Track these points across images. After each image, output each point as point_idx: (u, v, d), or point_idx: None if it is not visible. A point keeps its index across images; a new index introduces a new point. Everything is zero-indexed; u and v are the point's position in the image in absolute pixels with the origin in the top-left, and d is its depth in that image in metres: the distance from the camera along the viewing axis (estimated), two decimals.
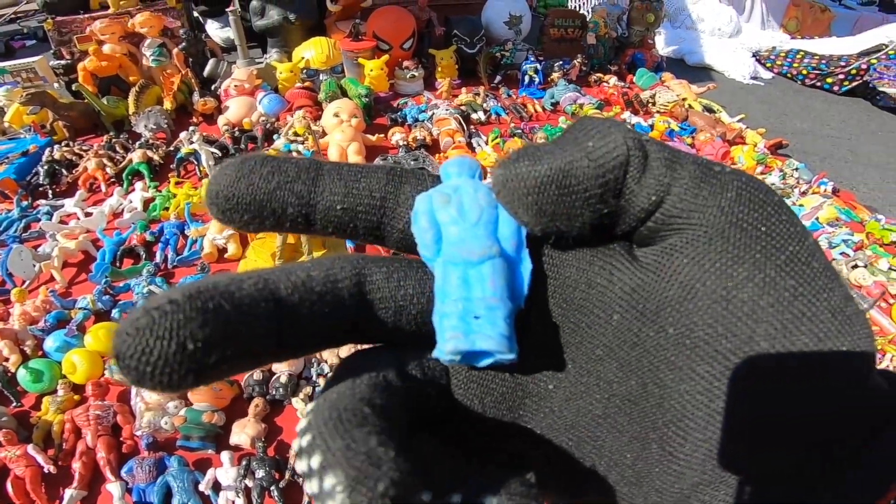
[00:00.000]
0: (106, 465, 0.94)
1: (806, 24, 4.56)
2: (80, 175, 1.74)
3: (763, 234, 0.15)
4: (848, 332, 0.15)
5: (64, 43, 2.22)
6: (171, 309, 0.12)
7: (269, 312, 0.14)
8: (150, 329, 0.12)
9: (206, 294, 0.13)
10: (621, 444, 0.17)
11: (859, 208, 1.83)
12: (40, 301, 1.26)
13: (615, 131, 0.15)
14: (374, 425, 0.13)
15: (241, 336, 0.13)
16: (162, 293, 0.13)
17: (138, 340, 0.12)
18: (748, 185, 0.15)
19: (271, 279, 0.15)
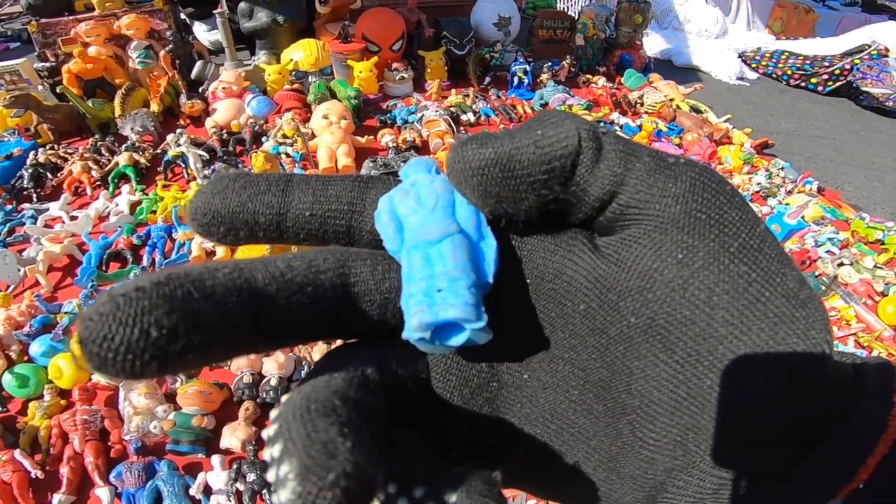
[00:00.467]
0: (94, 469, 0.93)
1: (790, 24, 4.60)
2: (66, 178, 1.72)
3: (716, 222, 0.15)
4: (802, 315, 0.15)
5: (48, 45, 2.19)
6: (137, 296, 0.12)
7: (244, 302, 0.14)
8: (114, 315, 0.12)
9: (176, 281, 0.13)
10: (597, 430, 0.17)
11: (844, 207, 1.85)
12: (25, 306, 1.24)
13: (568, 122, 0.15)
14: (339, 417, 0.13)
15: (210, 325, 0.13)
16: (131, 280, 0.13)
17: (101, 326, 0.12)
18: (701, 176, 0.16)
19: (247, 268, 0.14)
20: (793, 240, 1.62)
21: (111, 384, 1.07)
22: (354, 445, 0.12)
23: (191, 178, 1.75)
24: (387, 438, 0.14)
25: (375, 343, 0.17)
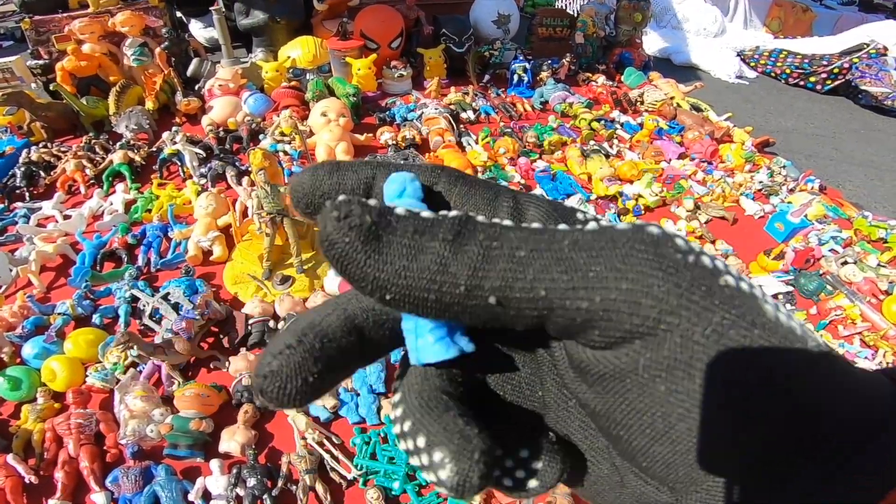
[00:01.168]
0: (90, 474, 0.91)
1: (788, 23, 4.60)
2: (59, 177, 1.69)
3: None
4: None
5: (41, 42, 2.16)
6: (291, 353, 0.16)
7: (353, 339, 0.17)
8: (282, 372, 0.16)
9: (310, 336, 0.17)
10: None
11: (846, 205, 1.84)
12: (17, 307, 1.21)
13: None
14: (455, 409, 0.16)
15: (339, 361, 0.17)
16: (277, 338, 0.17)
17: (276, 380, 0.16)
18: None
19: (348, 308, 0.18)
20: (797, 238, 1.61)
21: (106, 387, 1.05)
22: (479, 430, 0.16)
23: (186, 177, 1.72)
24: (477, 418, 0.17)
25: None
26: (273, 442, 1.00)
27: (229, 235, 1.45)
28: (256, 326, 1.17)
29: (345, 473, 0.94)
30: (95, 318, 1.20)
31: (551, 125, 2.10)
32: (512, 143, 1.89)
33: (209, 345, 1.17)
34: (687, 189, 1.78)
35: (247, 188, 1.54)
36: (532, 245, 0.14)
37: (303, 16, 2.65)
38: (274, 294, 1.28)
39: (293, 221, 1.33)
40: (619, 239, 0.14)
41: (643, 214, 1.69)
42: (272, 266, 1.33)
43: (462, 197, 0.19)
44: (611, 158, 1.91)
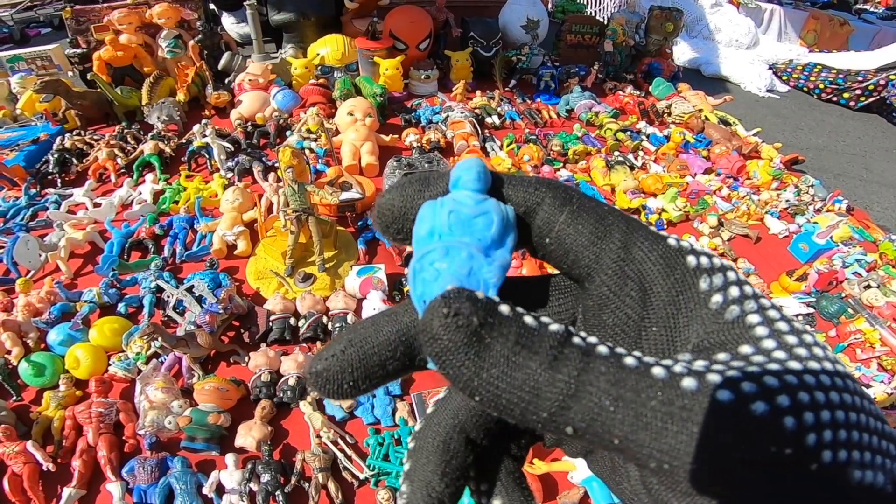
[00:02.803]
0: (107, 464, 0.92)
1: (824, 37, 4.52)
2: (91, 164, 1.72)
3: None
4: None
5: (81, 32, 2.20)
6: (335, 359, 0.18)
7: (403, 350, 0.19)
8: (325, 373, 0.18)
9: (357, 346, 0.19)
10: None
11: (873, 228, 1.81)
12: (45, 292, 1.24)
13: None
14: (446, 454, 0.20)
15: (378, 372, 0.19)
16: (334, 340, 0.19)
17: (320, 379, 0.18)
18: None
19: (403, 320, 0.19)
20: (821, 260, 1.58)
21: (127, 377, 1.07)
22: (445, 486, 0.19)
23: (214, 170, 1.75)
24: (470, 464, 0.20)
25: None
26: (288, 439, 1.01)
27: (254, 230, 1.47)
28: (277, 323, 1.18)
29: (357, 473, 0.95)
30: (121, 306, 1.23)
31: (576, 134, 2.09)
32: (536, 150, 1.89)
33: (230, 339, 1.19)
34: (711, 205, 1.76)
35: (273, 184, 1.56)
36: (618, 392, 0.14)
37: (333, 13, 2.67)
38: (296, 291, 1.30)
39: (317, 220, 1.35)
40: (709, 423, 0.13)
41: (665, 229, 1.68)
42: (295, 263, 1.34)
43: (567, 227, 0.18)
44: (635, 170, 1.90)
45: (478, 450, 0.21)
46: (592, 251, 0.18)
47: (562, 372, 0.14)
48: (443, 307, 0.15)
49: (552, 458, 0.98)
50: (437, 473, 0.19)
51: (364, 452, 1.00)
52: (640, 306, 0.18)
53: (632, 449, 0.14)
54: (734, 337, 0.16)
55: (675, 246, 0.18)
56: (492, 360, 0.14)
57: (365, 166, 1.76)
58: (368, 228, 1.49)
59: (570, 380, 0.14)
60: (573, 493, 0.95)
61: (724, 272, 0.18)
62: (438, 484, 0.19)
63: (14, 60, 2.16)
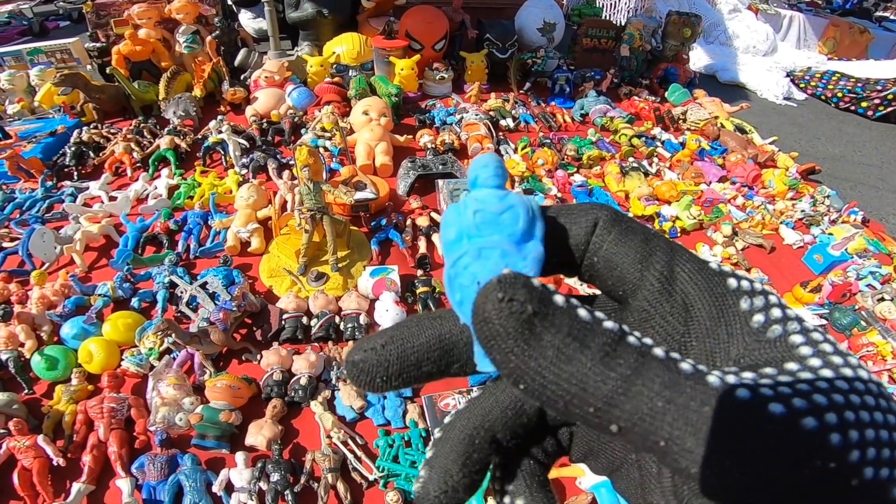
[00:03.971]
0: (117, 459, 0.92)
1: (843, 45, 4.47)
2: (107, 158, 1.74)
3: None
4: None
5: (100, 26, 2.22)
6: (374, 353, 0.19)
7: (439, 353, 0.20)
8: (361, 364, 0.19)
9: (395, 343, 0.20)
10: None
11: (888, 240, 1.79)
12: (59, 285, 1.24)
13: None
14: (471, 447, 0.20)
15: (413, 373, 0.20)
16: (373, 336, 0.20)
17: (355, 369, 0.19)
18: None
19: (442, 324, 0.20)
20: (835, 272, 1.57)
21: (139, 372, 1.08)
22: (463, 476, 0.19)
23: (229, 166, 1.75)
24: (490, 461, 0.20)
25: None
26: (298, 438, 1.01)
27: (268, 228, 1.47)
28: (290, 322, 1.19)
29: (366, 474, 0.95)
30: (134, 301, 1.23)
31: (590, 139, 2.08)
32: (551, 154, 1.88)
33: (242, 336, 1.19)
34: (726, 214, 1.75)
35: (287, 182, 1.56)
36: (671, 395, 0.14)
37: (349, 12, 2.68)
38: (308, 290, 1.30)
39: (332, 219, 1.35)
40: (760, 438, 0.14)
41: (679, 237, 1.67)
42: (308, 262, 1.35)
43: (615, 246, 0.19)
44: (650, 177, 1.88)
45: (503, 450, 0.21)
46: (638, 269, 0.19)
47: (614, 369, 0.14)
48: (498, 291, 0.15)
49: (560, 463, 0.97)
50: (457, 463, 0.19)
51: (374, 454, 1.00)
52: (682, 323, 0.18)
53: (675, 453, 0.14)
54: (778, 355, 0.16)
55: (716, 269, 0.19)
56: (542, 350, 0.14)
57: (379, 166, 1.76)
58: (382, 229, 1.49)
59: (622, 378, 0.14)
60: (581, 499, 0.94)
61: (765, 295, 0.18)
62: (457, 473, 0.19)
63: (34, 53, 2.18)
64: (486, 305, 0.15)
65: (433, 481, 0.19)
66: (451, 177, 1.68)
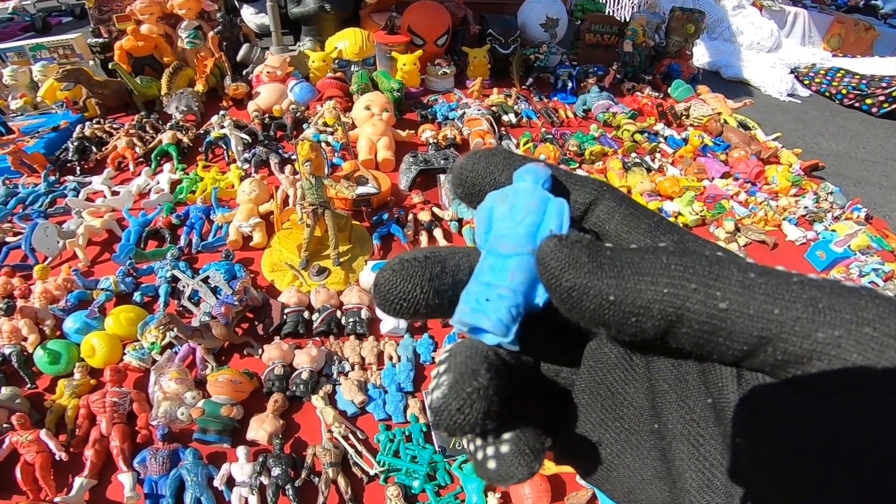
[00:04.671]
0: (119, 454, 0.92)
1: (848, 41, 4.45)
2: (110, 153, 1.74)
3: None
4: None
5: (103, 21, 2.22)
6: (414, 263, 0.18)
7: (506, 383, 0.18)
8: (403, 274, 0.18)
9: (434, 258, 0.19)
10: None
11: (891, 237, 1.78)
12: (62, 279, 1.25)
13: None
14: (486, 359, 0.18)
15: (451, 291, 0.19)
16: (410, 251, 0.19)
17: (395, 277, 0.18)
18: None
19: (472, 261, 0.19)
20: (837, 269, 1.56)
21: (142, 366, 1.08)
22: (491, 378, 0.17)
23: (231, 161, 1.75)
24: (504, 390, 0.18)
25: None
26: (299, 433, 1.02)
27: (270, 222, 1.47)
28: (291, 316, 1.19)
29: (367, 469, 0.95)
30: (136, 295, 1.24)
31: (593, 134, 2.07)
32: (553, 150, 1.88)
33: (243, 330, 1.19)
34: (728, 210, 1.74)
35: (289, 176, 1.56)
36: (759, 271, 0.15)
37: (352, 7, 2.67)
38: (310, 284, 1.30)
39: (334, 214, 1.35)
40: (857, 289, 0.14)
41: None
42: (309, 256, 1.35)
43: (626, 220, 0.19)
44: (652, 173, 1.88)
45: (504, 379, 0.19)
46: (650, 241, 0.19)
47: (695, 257, 0.15)
48: (557, 239, 0.16)
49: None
50: (482, 364, 0.17)
51: (374, 448, 1.00)
52: None
53: (777, 331, 0.14)
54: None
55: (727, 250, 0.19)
56: (619, 263, 0.15)
57: (381, 161, 1.76)
58: (383, 223, 1.49)
59: (705, 261, 0.15)
60: (581, 494, 0.94)
61: None
62: (483, 374, 0.17)
63: (37, 49, 2.18)
64: (550, 244, 0.16)
65: (459, 382, 0.17)
66: None
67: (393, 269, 0.18)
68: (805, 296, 0.14)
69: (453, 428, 0.16)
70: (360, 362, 1.13)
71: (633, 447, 0.20)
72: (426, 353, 1.16)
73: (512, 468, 0.17)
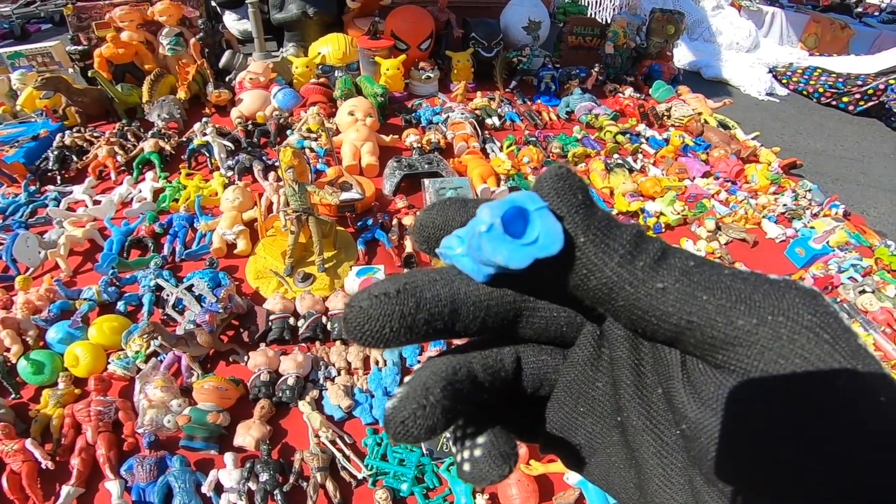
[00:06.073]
0: (105, 462, 0.92)
1: (825, 40, 4.53)
2: (90, 162, 1.72)
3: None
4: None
5: (82, 28, 2.20)
6: (383, 301, 0.18)
7: (448, 312, 0.19)
8: (368, 312, 0.18)
9: (407, 293, 0.18)
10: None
11: (869, 233, 1.81)
12: (44, 290, 1.24)
13: None
14: (446, 379, 0.18)
15: (425, 325, 0.18)
16: (379, 282, 0.18)
17: (362, 316, 0.18)
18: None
19: (455, 285, 0.19)
20: (817, 265, 1.59)
21: (126, 375, 1.07)
22: (444, 397, 0.18)
23: (214, 168, 1.75)
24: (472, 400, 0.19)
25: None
26: (287, 438, 1.02)
27: (254, 230, 1.47)
28: (277, 323, 1.19)
29: (355, 473, 0.96)
30: (120, 305, 1.23)
31: (576, 136, 2.09)
32: (536, 152, 1.89)
33: (229, 338, 1.19)
34: (709, 209, 1.77)
35: (273, 183, 1.56)
36: (698, 261, 0.17)
37: (335, 12, 2.67)
38: (295, 291, 1.30)
39: (317, 220, 1.35)
40: (778, 282, 0.16)
41: (664, 233, 1.68)
42: (294, 263, 1.35)
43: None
44: (634, 173, 1.90)
45: (478, 397, 0.20)
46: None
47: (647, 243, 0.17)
48: (558, 167, 0.18)
49: (548, 459, 0.99)
50: (439, 383, 0.18)
51: (362, 452, 1.00)
52: None
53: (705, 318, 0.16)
54: None
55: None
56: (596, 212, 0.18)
57: (365, 166, 1.76)
58: (368, 229, 1.50)
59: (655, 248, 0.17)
60: (569, 494, 0.95)
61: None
62: (438, 392, 0.18)
63: (15, 57, 2.16)
64: (550, 174, 0.18)
65: (410, 397, 0.18)
66: (436, 176, 1.69)
67: (361, 307, 0.18)
68: (731, 286, 0.16)
69: (397, 437, 0.18)
70: (346, 367, 1.14)
71: (604, 438, 0.21)
72: (412, 357, 1.17)
73: (483, 470, 0.19)
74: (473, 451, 0.19)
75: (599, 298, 0.17)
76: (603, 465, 0.22)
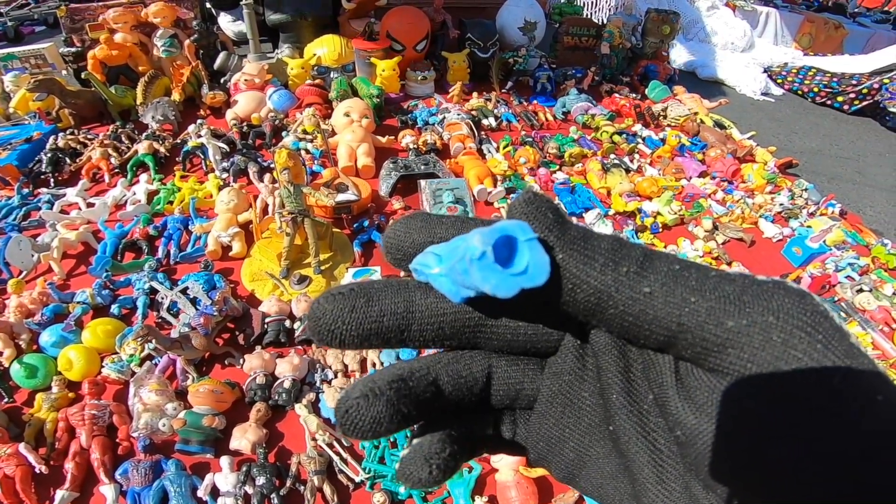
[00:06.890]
0: (100, 466, 0.91)
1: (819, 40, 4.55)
2: (84, 164, 1.71)
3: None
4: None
5: (75, 30, 2.19)
6: (338, 298, 0.19)
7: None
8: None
9: (357, 292, 0.19)
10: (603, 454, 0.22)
11: (865, 232, 1.82)
12: (37, 293, 1.23)
13: None
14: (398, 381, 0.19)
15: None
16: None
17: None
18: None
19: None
20: (814, 264, 1.59)
21: (121, 379, 1.06)
22: (390, 389, 0.18)
23: (209, 170, 1.74)
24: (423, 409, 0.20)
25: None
26: (283, 441, 1.01)
27: (249, 232, 1.46)
28: (273, 325, 1.18)
29: (352, 476, 0.95)
30: (114, 308, 1.22)
31: (572, 136, 2.09)
32: (533, 152, 1.89)
33: (224, 341, 1.18)
34: (706, 208, 1.77)
35: (268, 185, 1.55)
36: (683, 265, 0.16)
37: (330, 13, 2.67)
38: (291, 293, 1.29)
39: (313, 222, 1.34)
40: (766, 282, 0.16)
41: (661, 232, 1.68)
42: (290, 265, 1.34)
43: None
44: (631, 173, 1.90)
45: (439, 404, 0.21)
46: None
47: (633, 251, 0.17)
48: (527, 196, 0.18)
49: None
50: (385, 380, 0.19)
51: (360, 455, 1.00)
52: None
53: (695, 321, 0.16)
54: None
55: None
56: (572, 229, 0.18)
57: (361, 168, 1.75)
58: (364, 230, 1.49)
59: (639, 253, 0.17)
60: (568, 496, 0.95)
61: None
62: (384, 386, 0.18)
63: (7, 59, 2.14)
64: (522, 200, 0.18)
65: (356, 387, 0.18)
66: (433, 177, 1.68)
67: (318, 303, 0.19)
68: (719, 287, 0.16)
69: (344, 428, 0.18)
70: (342, 370, 1.13)
71: (594, 449, 0.21)
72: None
73: (405, 469, 0.19)
74: (404, 451, 0.20)
75: (590, 310, 0.17)
76: (595, 477, 0.21)
